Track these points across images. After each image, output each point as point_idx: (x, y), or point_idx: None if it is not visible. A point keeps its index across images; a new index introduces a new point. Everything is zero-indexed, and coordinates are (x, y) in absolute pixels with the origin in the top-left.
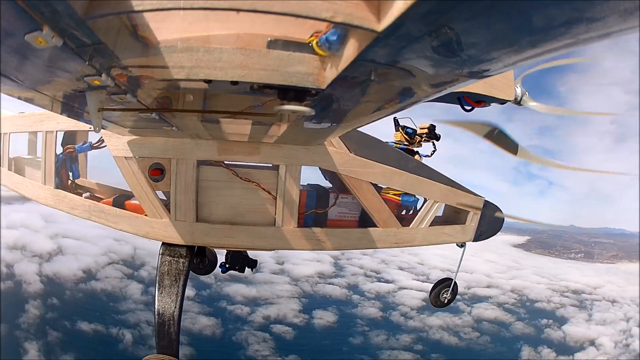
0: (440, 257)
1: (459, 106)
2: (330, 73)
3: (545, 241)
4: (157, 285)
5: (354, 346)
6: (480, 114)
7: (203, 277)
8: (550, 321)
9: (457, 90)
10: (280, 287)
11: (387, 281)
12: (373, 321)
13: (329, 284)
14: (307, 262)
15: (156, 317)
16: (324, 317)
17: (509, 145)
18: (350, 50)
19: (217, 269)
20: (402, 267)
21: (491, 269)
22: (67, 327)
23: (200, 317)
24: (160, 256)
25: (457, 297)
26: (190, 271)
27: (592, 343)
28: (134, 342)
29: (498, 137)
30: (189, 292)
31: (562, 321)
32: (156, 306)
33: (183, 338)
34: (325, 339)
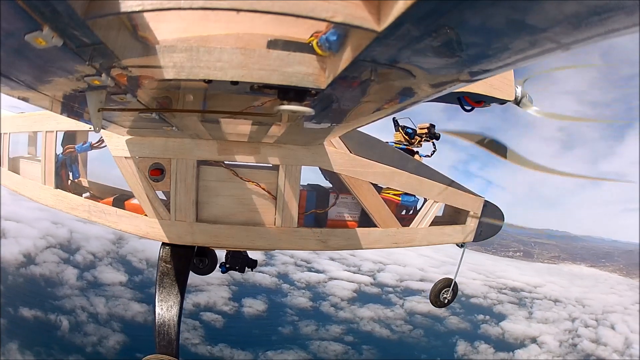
0: None
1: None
2: (330, 73)
3: None
4: (157, 285)
5: (284, 336)
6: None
7: (135, 263)
8: (487, 317)
9: (457, 90)
10: (210, 274)
11: (317, 271)
12: (303, 311)
13: (259, 272)
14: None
15: (156, 316)
16: (254, 306)
17: (499, 150)
18: (350, 50)
19: (217, 269)
20: (333, 257)
21: (425, 262)
22: (11, 313)
23: (133, 304)
24: (160, 256)
25: (389, 289)
26: (190, 271)
27: (533, 340)
28: (70, 328)
29: (488, 144)
30: (121, 277)
31: (499, 317)
32: (156, 306)
33: (115, 325)
34: (255, 327)
